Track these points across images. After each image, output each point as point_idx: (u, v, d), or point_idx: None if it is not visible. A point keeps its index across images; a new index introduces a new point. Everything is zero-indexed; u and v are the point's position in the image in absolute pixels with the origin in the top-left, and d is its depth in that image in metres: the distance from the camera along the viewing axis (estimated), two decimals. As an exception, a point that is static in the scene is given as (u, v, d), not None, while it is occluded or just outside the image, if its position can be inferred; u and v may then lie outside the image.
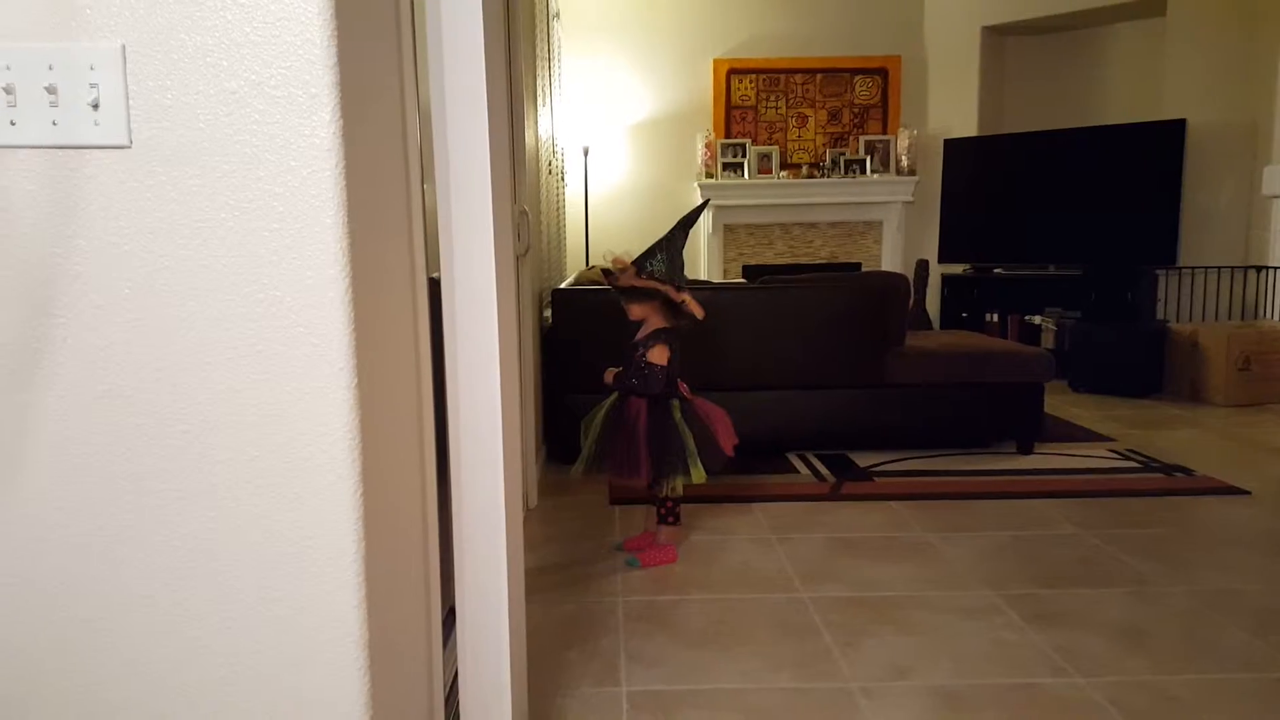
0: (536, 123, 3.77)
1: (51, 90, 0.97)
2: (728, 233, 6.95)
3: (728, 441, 2.64)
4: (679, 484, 2.57)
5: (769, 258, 6.98)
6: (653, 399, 2.58)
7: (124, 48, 0.97)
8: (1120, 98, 6.45)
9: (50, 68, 0.96)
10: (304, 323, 1.02)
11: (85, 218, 0.99)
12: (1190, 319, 5.67)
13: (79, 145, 0.98)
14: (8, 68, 0.96)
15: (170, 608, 1.07)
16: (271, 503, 1.05)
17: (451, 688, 1.67)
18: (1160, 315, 5.84)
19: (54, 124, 0.97)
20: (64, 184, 0.99)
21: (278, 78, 0.97)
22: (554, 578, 2.58)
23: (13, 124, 0.97)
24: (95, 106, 0.97)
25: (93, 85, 0.97)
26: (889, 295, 3.88)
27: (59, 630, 1.07)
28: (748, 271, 6.90)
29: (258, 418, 1.03)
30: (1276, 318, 5.44)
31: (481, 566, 1.63)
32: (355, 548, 1.07)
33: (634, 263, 2.56)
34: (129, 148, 0.98)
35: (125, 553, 1.05)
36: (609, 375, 2.66)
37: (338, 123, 0.99)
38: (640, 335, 2.62)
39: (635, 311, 2.62)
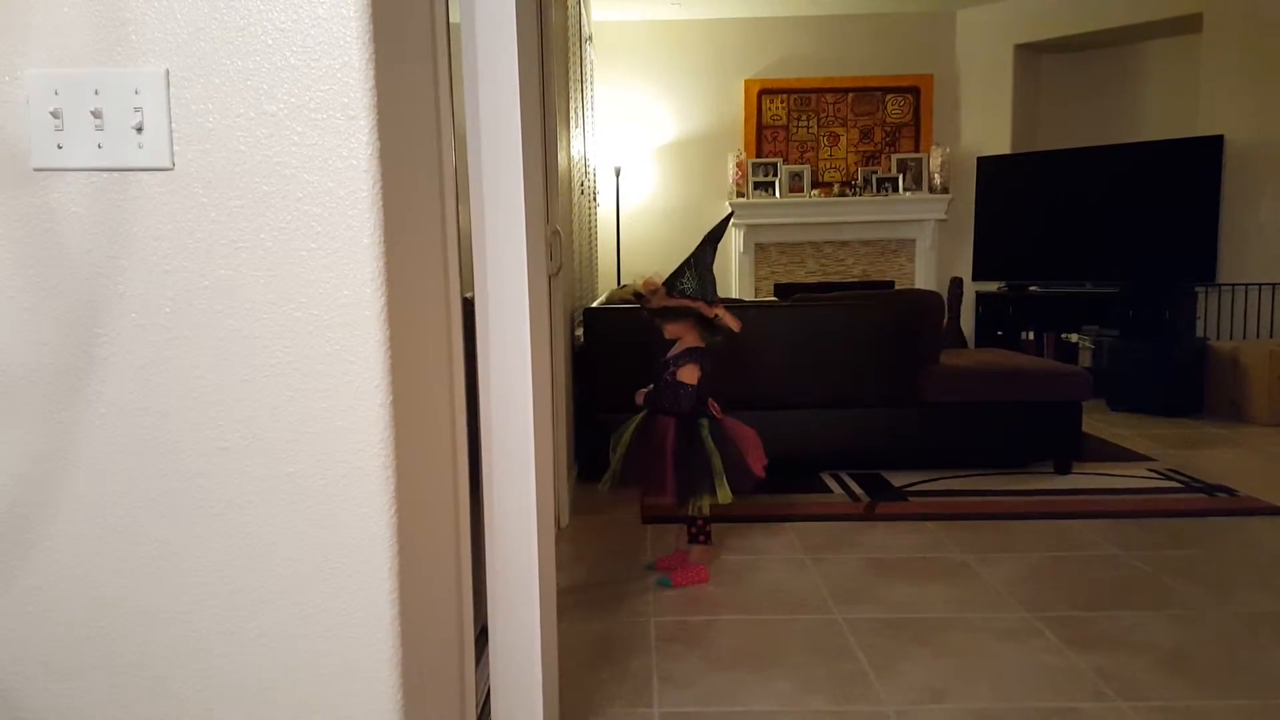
0: (569, 143, 3.79)
1: (97, 114, 0.99)
2: (759, 251, 6.94)
3: (757, 462, 2.61)
4: (705, 503, 2.55)
5: (801, 276, 6.95)
6: (681, 417, 2.57)
7: (168, 72, 0.99)
8: (1156, 114, 6.37)
9: (96, 92, 0.98)
10: (341, 341, 1.03)
11: (128, 239, 1.01)
12: (1231, 337, 5.56)
13: (123, 168, 1.00)
14: (55, 93, 0.99)
15: (205, 624, 1.07)
16: (306, 519, 1.06)
17: (483, 707, 1.66)
18: (1200, 333, 5.73)
19: (99, 147, 0.99)
20: (108, 206, 1.01)
21: (316, 101, 0.99)
22: (586, 597, 2.57)
23: (60, 147, 0.99)
24: (139, 130, 0.99)
25: (137, 109, 0.98)
26: (923, 313, 3.85)
27: (93, 645, 1.08)
28: (779, 290, 6.88)
29: (294, 434, 1.04)
30: (1321, 335, 5.31)
31: (514, 585, 1.63)
32: (389, 565, 1.07)
33: (664, 283, 2.56)
34: (172, 170, 1.00)
35: (162, 568, 1.06)
36: (640, 396, 2.66)
37: (375, 144, 1.00)
38: (671, 354, 2.61)
39: (670, 330, 2.62)
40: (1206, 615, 2.36)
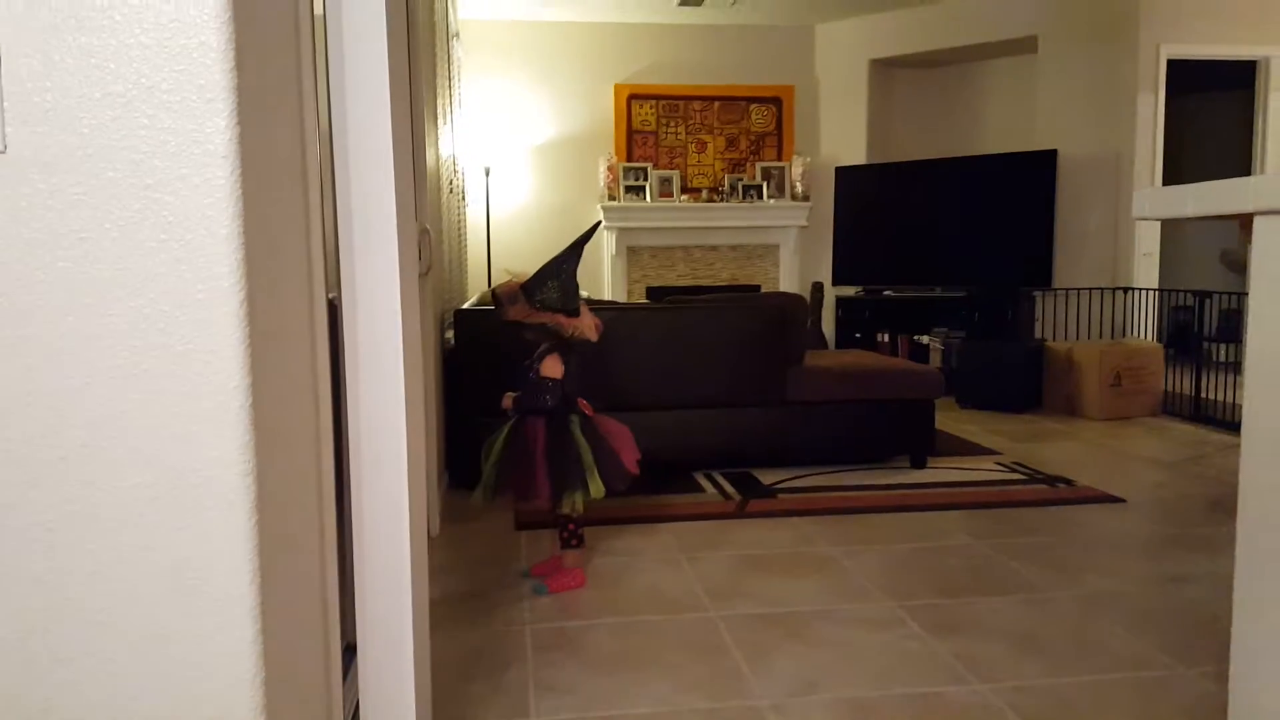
0: (437, 141, 3.70)
1: (-90, 89, 0.88)
2: (631, 255, 6.98)
3: (630, 458, 2.61)
4: (579, 500, 2.52)
5: (672, 279, 7.04)
6: (550, 416, 2.54)
7: (-5, 45, 0.89)
8: (999, 128, 6.78)
9: (-91, 64, 0.88)
10: (195, 340, 0.96)
11: (-51, 228, 0.91)
12: (1066, 338, 5.96)
13: (-58, 149, 0.90)
14: None
15: (42, 649, 0.98)
16: (158, 533, 0.98)
17: (354, 724, 1.59)
18: (1039, 334, 6.13)
19: (-87, 125, 0.89)
20: (-76, 191, 0.90)
21: (170, 81, 0.92)
22: (458, 607, 2.50)
23: None
24: (-39, 107, 0.89)
25: (-42, 84, 0.89)
26: (788, 316, 3.95)
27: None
28: (651, 293, 6.94)
29: (143, 442, 0.96)
30: (1142, 336, 5.77)
31: (383, 597, 1.57)
32: (250, 579, 1.01)
33: (523, 288, 2.51)
34: (3, 153, 0.91)
35: (-7, 593, 0.96)
36: (507, 400, 2.62)
37: (234, 129, 0.93)
38: (535, 354, 2.59)
39: (530, 336, 2.58)
40: (1053, 598, 2.51)
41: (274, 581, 1.05)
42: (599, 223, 2.86)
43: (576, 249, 2.57)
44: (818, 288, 6.59)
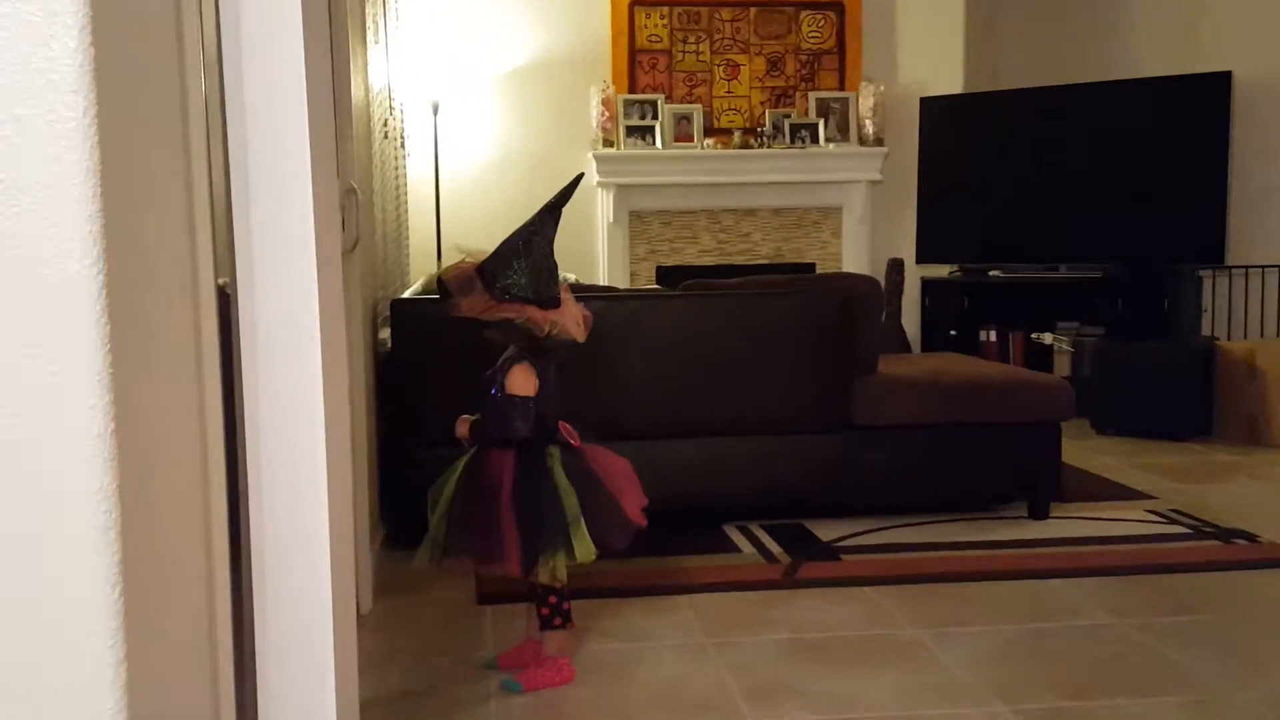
0: (365, 67, 3.73)
1: None
2: (635, 222, 6.99)
3: (633, 504, 2.63)
4: (560, 566, 2.54)
5: (692, 256, 7.05)
6: (520, 448, 2.56)
7: None
8: (1149, 44, 6.74)
9: None
10: (37, 342, 0.98)
11: None
12: (1246, 335, 5.93)
13: None
14: None
15: None
16: (-15, 610, 0.99)
17: None
18: (1207, 330, 6.10)
19: None
20: None
21: (-3, -12, 0.94)
22: (400, 710, 2.52)
23: None
24: None
25: None
26: (856, 307, 3.96)
27: None
28: (664, 275, 6.94)
29: (-35, 484, 0.98)
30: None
31: (295, 697, 1.58)
32: (113, 673, 1.02)
33: (480, 270, 2.50)
34: None
35: None
36: (463, 426, 2.63)
37: (87, 51, 0.95)
38: (498, 364, 2.60)
39: (492, 335, 2.59)
40: (1231, 699, 2.51)
41: (145, 678, 1.07)
42: (581, 175, 2.86)
43: (551, 215, 2.58)
44: (896, 267, 6.58)
